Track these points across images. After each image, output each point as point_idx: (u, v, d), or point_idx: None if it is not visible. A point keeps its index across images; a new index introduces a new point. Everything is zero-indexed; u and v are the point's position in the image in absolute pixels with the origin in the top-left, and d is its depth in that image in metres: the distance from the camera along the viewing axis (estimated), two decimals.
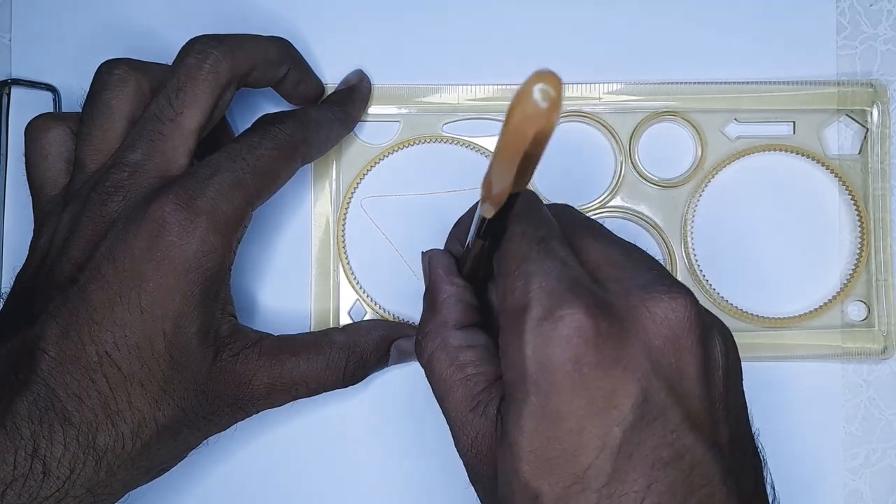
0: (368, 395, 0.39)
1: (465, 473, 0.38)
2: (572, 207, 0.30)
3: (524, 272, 0.25)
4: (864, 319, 0.39)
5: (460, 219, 0.33)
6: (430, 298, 0.31)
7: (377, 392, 0.39)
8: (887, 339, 0.38)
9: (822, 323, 0.39)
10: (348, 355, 0.35)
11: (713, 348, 0.26)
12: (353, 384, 0.35)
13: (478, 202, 0.29)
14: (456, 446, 0.29)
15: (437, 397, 0.29)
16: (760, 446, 0.27)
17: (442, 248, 0.33)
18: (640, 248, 0.28)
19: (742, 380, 0.28)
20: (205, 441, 0.33)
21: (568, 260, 0.26)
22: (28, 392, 0.28)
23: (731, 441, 0.25)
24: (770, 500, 0.27)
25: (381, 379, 0.39)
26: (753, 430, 0.27)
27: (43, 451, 0.27)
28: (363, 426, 0.39)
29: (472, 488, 0.39)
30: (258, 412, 0.34)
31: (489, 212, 0.24)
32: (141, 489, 0.32)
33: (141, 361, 0.29)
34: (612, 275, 0.26)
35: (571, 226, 0.28)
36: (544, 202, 0.29)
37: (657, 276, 0.26)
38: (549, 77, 0.19)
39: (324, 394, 0.35)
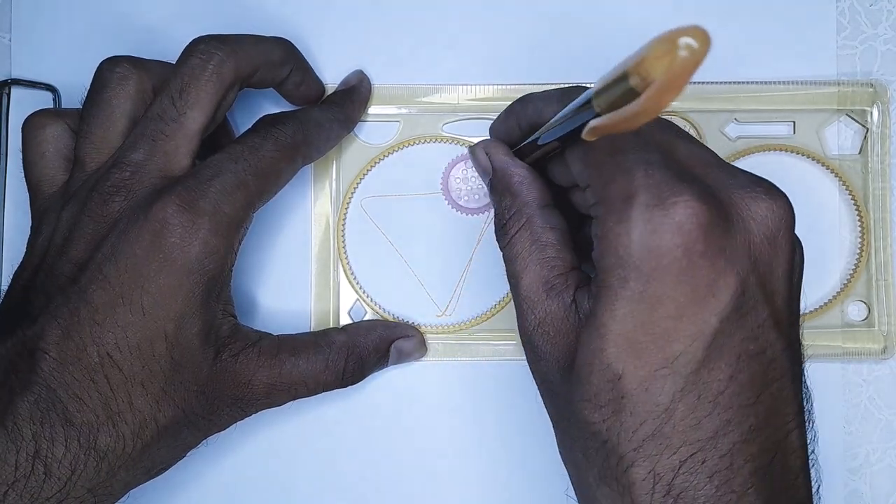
0: (368, 395, 0.39)
1: (466, 470, 0.39)
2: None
3: (625, 162, 0.26)
4: (865, 319, 0.39)
5: (516, 103, 0.33)
6: (503, 183, 0.31)
7: (377, 392, 0.39)
8: (887, 339, 0.38)
9: (823, 323, 0.39)
10: (348, 355, 0.35)
11: (798, 253, 0.27)
12: (352, 384, 0.35)
13: (553, 91, 0.30)
14: (520, 326, 0.29)
15: (510, 275, 0.30)
16: (806, 372, 0.28)
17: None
18: None
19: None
20: (204, 441, 0.33)
21: (666, 152, 0.27)
22: (29, 393, 0.28)
23: (797, 342, 0.27)
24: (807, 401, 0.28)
25: (381, 379, 0.39)
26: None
27: (44, 452, 0.27)
28: (362, 426, 0.39)
29: (472, 487, 0.39)
30: (258, 412, 0.34)
31: (592, 137, 0.23)
32: (141, 488, 0.32)
33: (142, 362, 0.29)
34: (709, 173, 0.27)
35: (658, 127, 0.28)
36: None
37: (753, 178, 0.27)
38: (695, 30, 0.20)
39: (323, 393, 0.35)
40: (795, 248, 0.27)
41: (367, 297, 0.39)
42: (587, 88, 0.25)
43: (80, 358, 0.28)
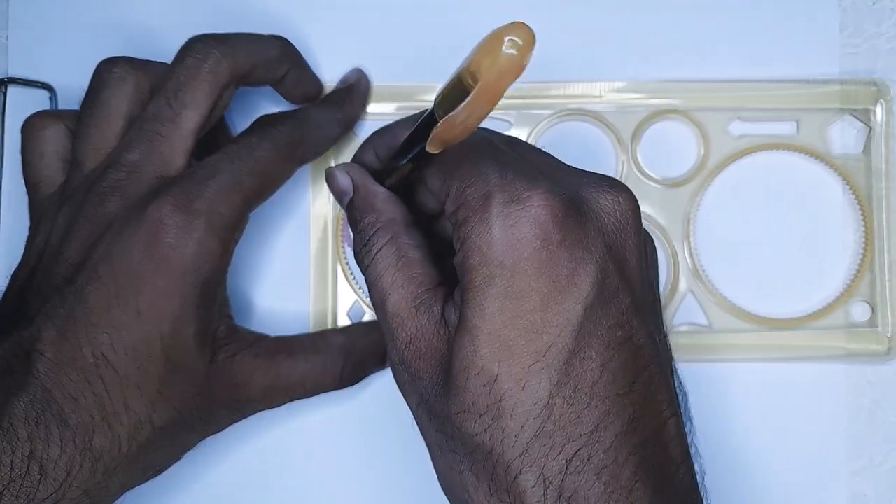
0: (366, 396, 0.39)
1: None
2: (493, 129, 0.31)
3: (481, 167, 0.26)
4: (868, 320, 0.39)
5: (377, 131, 0.34)
6: (365, 202, 0.31)
7: (375, 393, 0.39)
8: (891, 340, 0.38)
9: (826, 324, 0.39)
10: (346, 356, 0.35)
11: (648, 245, 0.29)
12: (350, 385, 0.35)
13: (403, 119, 0.31)
14: (390, 348, 0.29)
15: (376, 298, 0.29)
16: (674, 363, 0.29)
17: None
18: None
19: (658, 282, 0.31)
20: (201, 442, 0.33)
21: (519, 157, 0.27)
22: (24, 393, 0.27)
23: (657, 329, 0.28)
24: (681, 396, 0.29)
25: (380, 380, 0.39)
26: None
27: (39, 453, 0.27)
28: (361, 427, 0.39)
29: None
30: (255, 413, 0.34)
31: (435, 149, 0.25)
32: (137, 489, 0.32)
33: (137, 363, 0.29)
34: (558, 174, 0.28)
35: (499, 140, 0.29)
36: None
37: (600, 176, 0.28)
38: (518, 28, 0.20)
39: (321, 395, 0.34)
40: (645, 240, 0.28)
41: (366, 297, 0.39)
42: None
43: (75, 359, 0.28)
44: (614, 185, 0.27)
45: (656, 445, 0.25)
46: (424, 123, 0.25)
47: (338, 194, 0.32)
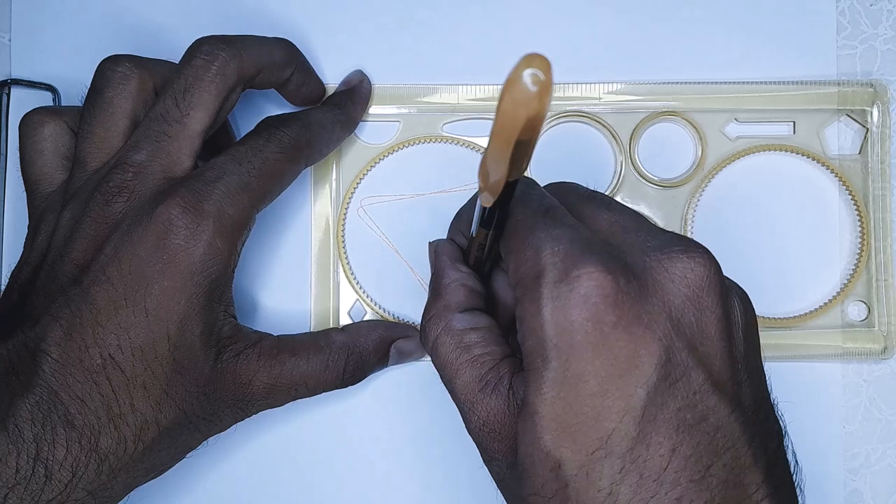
0: (368, 395, 0.39)
1: (466, 471, 0.39)
2: (575, 183, 0.30)
3: (534, 241, 0.25)
4: (865, 319, 0.39)
5: (461, 209, 0.33)
6: (435, 284, 0.31)
7: (377, 392, 0.39)
8: (887, 339, 0.38)
9: (823, 323, 0.39)
10: (348, 355, 0.35)
11: (732, 308, 0.26)
12: (352, 384, 0.35)
13: (477, 192, 0.29)
14: (467, 428, 0.28)
15: (445, 382, 0.29)
16: (780, 413, 0.27)
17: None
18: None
19: (760, 343, 0.27)
20: (205, 442, 0.33)
21: (577, 226, 0.26)
22: (30, 394, 0.27)
23: (754, 403, 0.25)
24: (791, 466, 0.26)
25: (381, 379, 0.39)
26: (772, 397, 0.27)
27: (45, 455, 0.27)
28: (363, 426, 0.39)
29: (471, 486, 0.39)
30: (258, 412, 0.34)
31: (488, 201, 0.24)
32: (141, 489, 0.32)
33: (144, 364, 0.29)
34: (625, 239, 0.26)
35: (576, 198, 0.28)
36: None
37: (673, 237, 0.26)
38: (538, 60, 0.19)
39: (323, 394, 0.35)
40: (730, 301, 0.26)
41: (367, 297, 0.39)
42: None
43: (81, 359, 0.28)
44: (688, 251, 0.25)
45: None
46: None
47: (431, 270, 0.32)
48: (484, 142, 0.39)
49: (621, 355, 0.23)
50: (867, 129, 0.39)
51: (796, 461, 0.27)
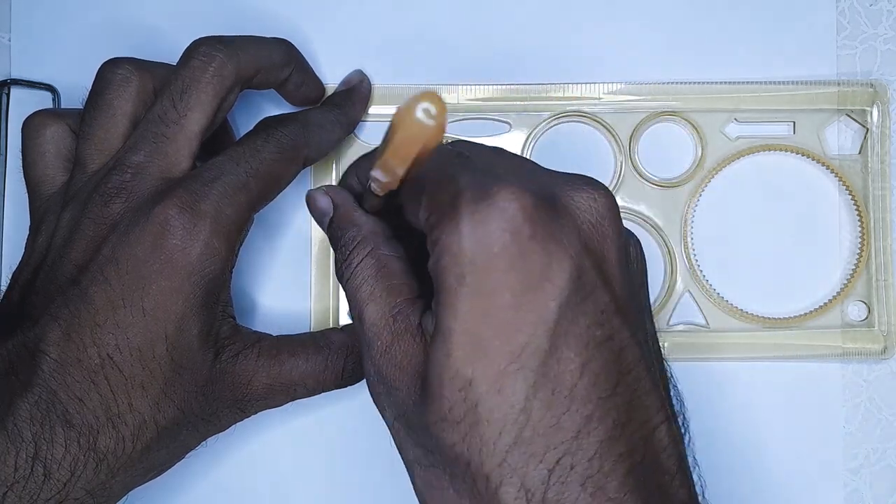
0: (367, 395, 0.39)
1: None
2: (480, 143, 0.31)
3: (449, 172, 0.26)
4: (865, 319, 0.39)
5: (359, 158, 0.34)
6: (346, 218, 0.31)
7: None
8: (887, 339, 0.38)
9: (822, 323, 0.39)
10: (347, 355, 0.35)
11: (628, 243, 0.28)
12: (351, 384, 0.35)
13: (377, 148, 0.30)
14: (366, 358, 0.28)
15: (354, 307, 0.29)
16: (668, 366, 0.29)
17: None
18: None
19: (649, 290, 0.29)
20: (204, 442, 0.33)
21: (489, 162, 0.27)
22: (29, 394, 0.28)
23: (649, 337, 0.26)
24: (678, 409, 0.28)
25: None
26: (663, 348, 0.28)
27: (44, 454, 0.27)
28: (362, 426, 0.39)
29: None
30: (257, 412, 0.34)
31: (379, 192, 0.26)
32: (140, 489, 0.32)
33: (142, 364, 0.29)
34: (532, 175, 0.27)
35: (481, 149, 0.29)
36: None
37: (575, 175, 0.27)
38: (431, 96, 0.20)
39: (323, 394, 0.35)
40: (628, 238, 0.27)
41: None
42: None
43: (80, 359, 0.28)
44: (590, 183, 0.26)
45: (646, 453, 0.24)
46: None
47: (318, 216, 0.32)
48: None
49: (536, 269, 0.24)
50: (867, 129, 0.39)
51: (680, 399, 0.29)
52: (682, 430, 0.27)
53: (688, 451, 0.27)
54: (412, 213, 0.28)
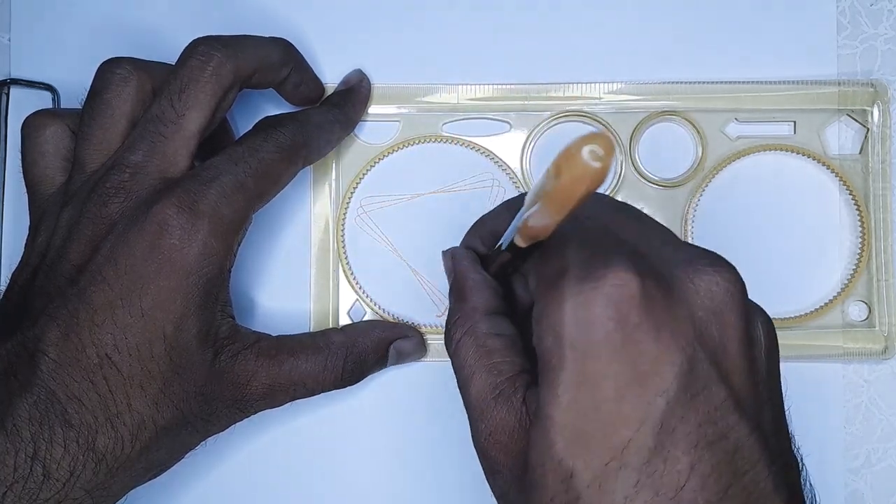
0: (367, 395, 0.39)
1: (464, 472, 0.38)
2: (603, 193, 0.30)
3: (560, 241, 0.24)
4: (865, 320, 0.39)
5: (481, 218, 0.33)
6: (458, 288, 0.30)
7: (376, 393, 0.39)
8: (888, 339, 0.38)
9: (823, 323, 0.39)
10: (346, 355, 0.35)
11: (756, 328, 0.25)
12: (351, 384, 0.35)
13: (502, 205, 0.30)
14: (473, 436, 0.27)
15: (459, 385, 0.28)
16: (797, 446, 0.26)
17: (458, 244, 0.33)
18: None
19: (780, 370, 0.26)
20: (203, 442, 0.33)
21: (605, 230, 0.26)
22: (28, 394, 0.28)
23: (774, 428, 0.24)
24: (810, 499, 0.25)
25: (380, 379, 0.39)
26: (790, 429, 0.26)
27: (43, 454, 0.27)
28: (361, 427, 0.39)
29: (471, 487, 0.39)
30: (257, 412, 0.34)
31: (522, 244, 0.24)
32: (140, 489, 0.32)
33: (141, 364, 0.29)
34: (652, 249, 0.25)
35: (603, 208, 0.28)
36: None
37: (701, 251, 0.25)
38: (599, 138, 0.19)
39: (322, 394, 0.35)
40: (752, 321, 0.25)
41: (367, 297, 0.39)
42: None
43: (79, 359, 0.28)
44: (713, 264, 0.24)
45: None
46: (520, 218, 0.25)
47: (447, 276, 0.32)
48: (483, 141, 0.39)
49: (642, 360, 0.22)
50: (868, 129, 0.39)
51: (813, 494, 0.26)
52: None
53: None
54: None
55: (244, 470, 0.39)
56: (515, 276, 0.31)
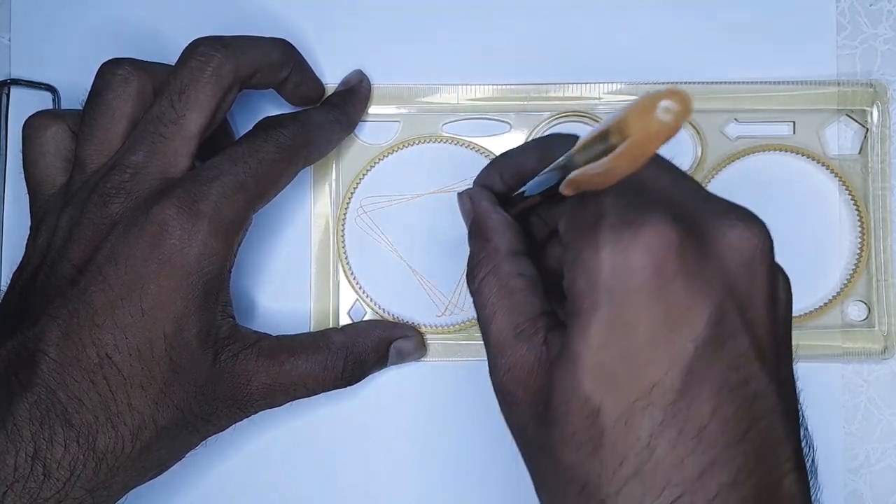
0: (367, 395, 0.39)
1: (465, 472, 0.38)
2: None
3: (595, 190, 0.25)
4: (865, 319, 0.39)
5: (504, 153, 0.33)
6: (479, 228, 0.31)
7: (376, 393, 0.39)
8: (887, 339, 0.38)
9: (823, 323, 0.39)
10: (346, 355, 0.35)
11: (778, 285, 0.26)
12: (351, 384, 0.35)
13: (532, 142, 0.30)
14: (491, 371, 0.28)
15: (480, 323, 0.29)
16: (802, 403, 0.27)
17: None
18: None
19: (792, 330, 0.27)
20: (203, 441, 0.33)
21: (640, 182, 0.26)
22: (29, 394, 0.28)
23: (789, 382, 0.25)
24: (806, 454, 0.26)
25: (381, 379, 0.39)
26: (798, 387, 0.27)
27: (43, 453, 0.27)
28: (362, 427, 0.39)
29: (471, 487, 0.39)
30: (257, 412, 0.34)
31: (569, 192, 0.24)
32: (140, 489, 0.32)
33: (141, 363, 0.29)
34: (685, 200, 0.26)
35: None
36: None
37: (732, 205, 0.26)
38: (675, 94, 0.19)
39: (322, 394, 0.35)
40: (777, 278, 0.26)
41: (367, 297, 0.39)
42: (563, 136, 0.24)
43: (79, 359, 0.28)
44: (745, 218, 0.25)
45: (771, 502, 0.24)
46: (561, 166, 0.25)
47: (465, 218, 0.33)
48: (483, 142, 0.40)
49: (675, 307, 0.23)
50: (867, 129, 0.39)
51: (810, 445, 0.27)
52: (810, 477, 0.26)
53: (815, 500, 0.26)
54: (542, 222, 0.28)
55: (244, 470, 0.39)
56: (533, 217, 0.31)
